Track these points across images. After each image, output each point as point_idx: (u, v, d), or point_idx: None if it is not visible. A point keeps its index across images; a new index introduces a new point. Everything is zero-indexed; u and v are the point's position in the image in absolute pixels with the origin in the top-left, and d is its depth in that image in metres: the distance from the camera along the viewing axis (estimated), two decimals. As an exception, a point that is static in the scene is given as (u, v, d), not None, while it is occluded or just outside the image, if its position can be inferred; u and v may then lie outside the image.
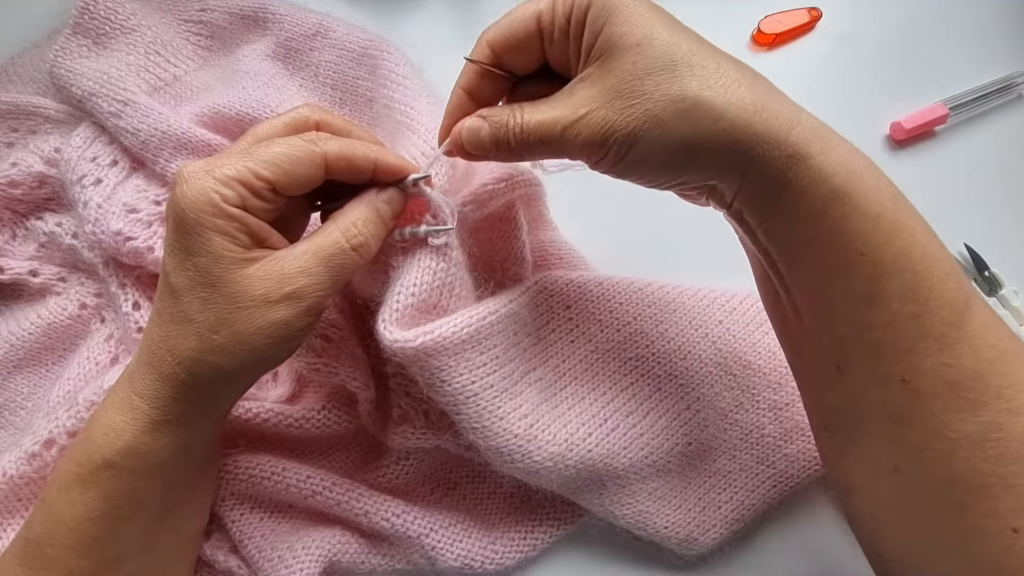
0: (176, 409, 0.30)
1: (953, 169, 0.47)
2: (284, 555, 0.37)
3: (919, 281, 0.25)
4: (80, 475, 0.30)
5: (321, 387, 0.40)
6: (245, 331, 0.28)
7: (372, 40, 0.44)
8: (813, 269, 0.28)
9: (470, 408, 0.32)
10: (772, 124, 0.26)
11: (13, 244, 0.44)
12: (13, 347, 0.42)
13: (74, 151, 0.42)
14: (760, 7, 0.50)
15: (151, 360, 0.29)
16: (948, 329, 0.25)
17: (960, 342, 0.25)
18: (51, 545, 0.30)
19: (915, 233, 0.26)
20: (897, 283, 0.25)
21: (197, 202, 0.27)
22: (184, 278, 0.28)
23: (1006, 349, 0.26)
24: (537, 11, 0.28)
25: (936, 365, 0.25)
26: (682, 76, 0.26)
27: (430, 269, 0.31)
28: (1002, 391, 0.25)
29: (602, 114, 0.26)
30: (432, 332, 0.31)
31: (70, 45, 0.43)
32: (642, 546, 0.40)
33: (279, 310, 0.28)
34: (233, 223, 0.27)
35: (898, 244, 0.26)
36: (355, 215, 0.30)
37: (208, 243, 0.27)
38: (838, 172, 0.25)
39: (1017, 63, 0.49)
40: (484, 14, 0.51)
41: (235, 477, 0.37)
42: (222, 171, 0.27)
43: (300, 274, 0.28)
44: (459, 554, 0.38)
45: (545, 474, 0.34)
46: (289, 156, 0.28)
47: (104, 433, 0.30)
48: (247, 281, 0.28)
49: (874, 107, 0.48)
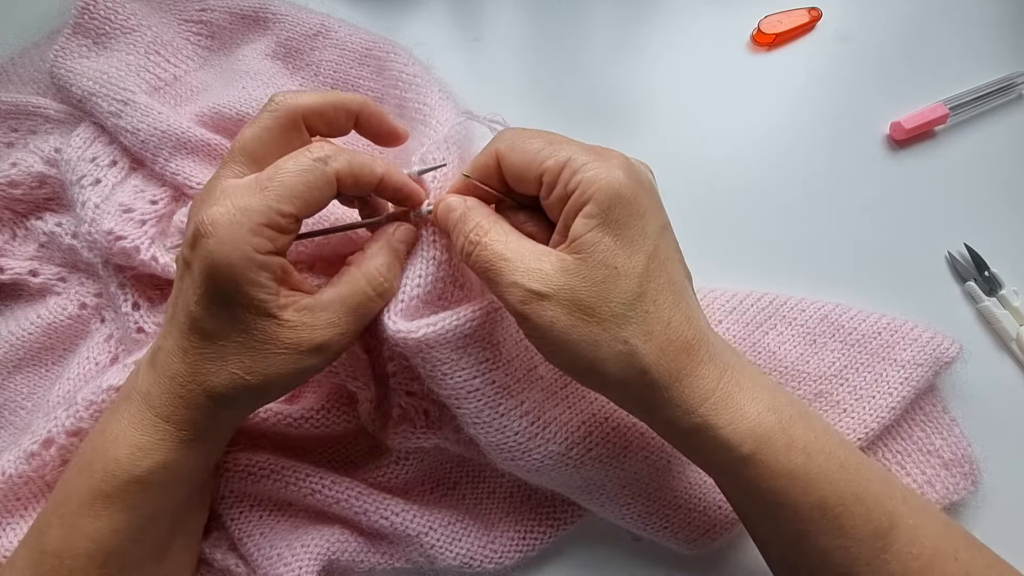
0: (203, 430, 0.30)
1: (953, 169, 0.47)
2: (283, 553, 0.37)
3: (842, 523, 0.28)
4: (105, 491, 0.30)
5: (321, 387, 0.40)
6: (276, 374, 0.29)
7: (376, 41, 0.44)
8: (738, 507, 0.32)
9: (471, 403, 0.32)
10: (688, 393, 0.27)
11: (13, 244, 0.44)
12: (13, 347, 0.42)
13: (74, 151, 0.42)
14: (760, 7, 0.50)
15: (177, 391, 0.30)
16: (876, 553, 0.28)
17: (888, 562, 0.28)
18: (72, 557, 0.30)
19: (831, 481, 0.28)
20: (822, 527, 0.28)
21: (232, 258, 0.27)
22: (216, 325, 0.28)
23: (929, 556, 0.28)
24: (542, 171, 0.28)
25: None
26: (637, 321, 0.27)
27: (435, 260, 0.32)
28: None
29: (553, 309, 0.27)
30: (435, 324, 0.31)
31: (70, 45, 0.43)
32: (642, 546, 0.40)
33: (310, 359, 0.29)
34: (265, 272, 0.28)
35: (815, 496, 0.28)
36: (378, 262, 0.31)
37: (243, 296, 0.27)
38: (745, 442, 0.27)
39: (1017, 63, 0.49)
40: (484, 14, 0.51)
41: (234, 475, 0.38)
42: (250, 219, 0.27)
43: (329, 326, 0.29)
44: (458, 553, 0.38)
45: (545, 472, 0.34)
46: (305, 183, 0.28)
47: (130, 452, 0.30)
48: (279, 330, 0.28)
49: (874, 107, 0.48)
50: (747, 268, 0.36)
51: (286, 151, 0.30)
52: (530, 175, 0.28)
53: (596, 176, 0.26)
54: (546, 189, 0.28)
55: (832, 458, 0.28)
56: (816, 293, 0.43)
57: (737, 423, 0.27)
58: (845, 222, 0.46)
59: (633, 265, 0.27)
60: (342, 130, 0.32)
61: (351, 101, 0.31)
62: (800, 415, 0.29)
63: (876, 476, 0.30)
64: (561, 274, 0.27)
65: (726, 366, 0.29)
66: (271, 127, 0.29)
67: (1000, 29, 0.50)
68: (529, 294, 0.27)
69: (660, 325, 0.27)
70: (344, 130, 0.32)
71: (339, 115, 0.31)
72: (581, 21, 0.51)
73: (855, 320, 0.41)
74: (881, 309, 0.42)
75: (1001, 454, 0.40)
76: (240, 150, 0.29)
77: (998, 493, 0.40)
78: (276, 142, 0.30)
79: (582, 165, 0.27)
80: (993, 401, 0.42)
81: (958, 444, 0.40)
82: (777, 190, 0.47)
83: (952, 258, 0.45)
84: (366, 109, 0.32)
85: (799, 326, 0.41)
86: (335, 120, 0.31)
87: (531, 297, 0.27)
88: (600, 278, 0.26)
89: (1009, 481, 0.40)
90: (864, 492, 0.28)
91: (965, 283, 0.45)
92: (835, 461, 0.28)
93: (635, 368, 0.27)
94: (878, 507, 0.28)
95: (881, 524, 0.28)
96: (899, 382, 0.40)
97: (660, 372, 0.27)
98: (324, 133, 0.32)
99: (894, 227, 0.46)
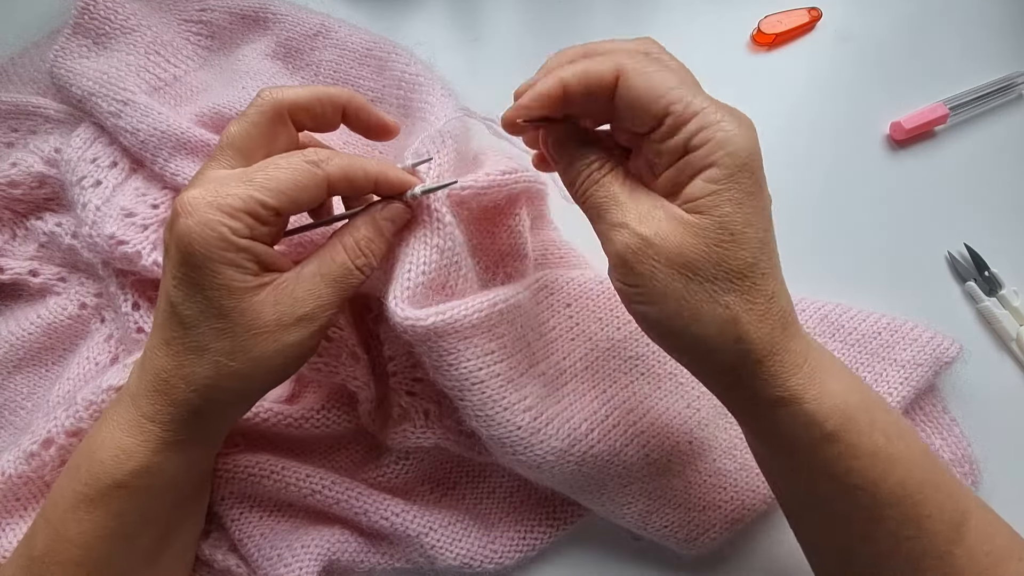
0: (189, 430, 0.30)
1: (953, 169, 0.47)
2: (283, 554, 0.37)
3: (918, 510, 0.27)
4: (88, 495, 0.30)
5: (321, 387, 0.40)
6: (261, 355, 0.28)
7: (376, 41, 0.44)
8: (805, 488, 0.29)
9: (475, 395, 0.32)
10: (779, 367, 0.26)
11: (13, 244, 0.44)
12: (13, 347, 0.42)
13: (74, 152, 0.42)
14: (760, 7, 0.50)
15: (162, 388, 0.29)
16: (948, 547, 0.27)
17: (959, 557, 0.27)
18: (58, 563, 0.30)
19: (911, 464, 0.27)
20: (896, 512, 0.27)
21: (205, 236, 0.26)
22: (195, 310, 0.28)
23: (1000, 553, 0.28)
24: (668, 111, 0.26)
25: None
26: (742, 290, 0.26)
27: (438, 248, 0.31)
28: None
29: (657, 259, 0.26)
30: (444, 313, 0.31)
31: (70, 45, 0.43)
32: (642, 546, 0.40)
33: (293, 333, 0.29)
34: (242, 254, 0.27)
35: (894, 478, 0.27)
36: (359, 235, 0.30)
37: (219, 276, 0.27)
38: (830, 418, 0.26)
39: (1017, 63, 0.49)
40: (484, 14, 0.51)
41: (234, 476, 0.37)
42: (227, 202, 0.26)
43: (309, 297, 0.29)
44: (458, 553, 0.38)
45: (547, 468, 0.34)
46: (293, 182, 0.28)
47: (114, 455, 0.29)
48: (260, 308, 0.28)
49: (874, 107, 0.48)
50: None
51: (272, 145, 0.30)
52: (652, 110, 0.26)
53: (727, 139, 0.25)
54: (666, 131, 0.26)
55: (912, 444, 0.28)
56: (816, 293, 0.43)
57: (823, 399, 0.27)
58: (845, 222, 0.46)
59: (751, 236, 0.26)
60: (330, 124, 0.32)
61: (337, 95, 0.31)
62: (878, 398, 0.29)
63: (947, 468, 0.29)
64: (675, 227, 0.26)
65: (810, 346, 0.28)
66: (257, 121, 0.30)
67: (1000, 29, 0.50)
68: (639, 239, 0.26)
69: (763, 297, 0.26)
70: (332, 124, 0.32)
71: (325, 109, 0.31)
72: (581, 21, 0.51)
73: (855, 320, 0.41)
74: (881, 309, 0.42)
75: (1001, 454, 0.40)
76: (228, 145, 0.29)
77: (998, 493, 0.40)
78: (263, 136, 0.30)
79: (715, 122, 0.25)
80: (993, 401, 0.42)
81: (958, 444, 0.40)
82: (777, 190, 0.46)
83: (952, 258, 0.45)
84: (352, 102, 0.32)
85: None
86: (321, 114, 0.31)
87: (639, 243, 0.26)
88: (714, 241, 0.25)
89: (1009, 481, 0.40)
90: (942, 481, 0.28)
91: (965, 283, 0.45)
92: (916, 447, 0.28)
93: (731, 334, 0.26)
94: (953, 499, 0.28)
95: (955, 517, 0.28)
96: (899, 382, 0.40)
97: (757, 343, 0.26)
98: (311, 127, 0.32)
99: (894, 227, 0.46)
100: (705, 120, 0.25)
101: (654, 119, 0.26)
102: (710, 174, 0.25)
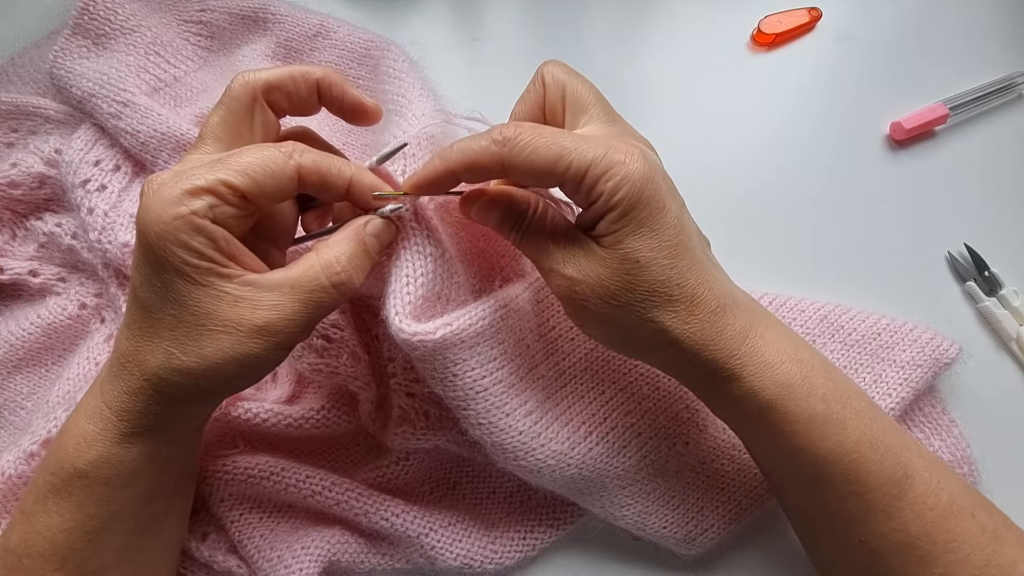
0: (145, 422, 0.29)
1: (953, 169, 0.47)
2: (283, 555, 0.37)
3: (857, 468, 0.29)
4: (55, 485, 0.29)
5: (321, 387, 0.40)
6: (213, 356, 0.27)
7: (374, 40, 0.44)
8: (761, 453, 0.34)
9: (479, 403, 0.32)
10: (716, 353, 0.29)
11: (13, 244, 0.44)
12: (13, 347, 0.42)
13: (75, 153, 0.42)
14: (760, 7, 0.50)
15: (120, 372, 0.28)
16: (891, 500, 0.29)
17: (903, 510, 0.29)
18: (28, 556, 0.29)
19: (846, 426, 0.30)
20: (838, 470, 0.30)
21: (163, 213, 0.25)
22: (151, 293, 0.27)
23: (944, 508, 0.30)
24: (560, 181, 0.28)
25: (887, 531, 0.30)
26: (661, 303, 0.28)
27: (433, 256, 0.31)
28: (948, 545, 0.29)
29: (586, 293, 0.29)
30: (451, 324, 0.30)
31: (70, 45, 0.43)
32: (642, 546, 0.40)
33: (250, 343, 0.27)
34: (200, 236, 0.26)
35: (831, 440, 0.29)
36: (339, 251, 0.29)
37: (174, 257, 0.26)
38: (767, 388, 0.29)
39: (1017, 63, 0.49)
40: (484, 14, 0.51)
41: (234, 477, 0.37)
42: (191, 181, 0.26)
43: (273, 308, 0.27)
44: (458, 554, 0.38)
45: (548, 472, 0.34)
46: (262, 167, 0.26)
47: (76, 442, 0.29)
48: (216, 302, 0.26)
49: (874, 107, 0.48)
50: (746, 268, 0.36)
51: (251, 130, 0.30)
52: (547, 181, 0.29)
53: (618, 185, 0.27)
54: (569, 190, 0.29)
55: (848, 406, 0.30)
56: (816, 293, 0.43)
57: (762, 372, 0.29)
58: (845, 222, 0.46)
59: (656, 256, 0.28)
60: (307, 104, 0.31)
61: (310, 71, 0.31)
62: (821, 366, 0.31)
63: (892, 428, 0.31)
64: (593, 263, 0.29)
65: (752, 321, 0.30)
66: (233, 108, 0.29)
67: (1000, 29, 0.50)
68: (566, 280, 0.29)
69: (685, 302, 0.29)
70: (309, 105, 0.31)
71: (299, 86, 0.30)
72: (581, 21, 0.51)
73: (855, 321, 0.41)
74: (881, 309, 0.42)
75: (1001, 454, 0.40)
76: (208, 134, 0.29)
77: (998, 493, 0.40)
78: (240, 123, 0.30)
79: (604, 172, 0.27)
80: (993, 401, 0.42)
81: (957, 445, 0.40)
82: (777, 190, 0.47)
83: (952, 258, 0.45)
84: (327, 78, 0.31)
85: (798, 327, 0.41)
86: (295, 93, 0.30)
87: (567, 283, 0.29)
88: (623, 271, 0.28)
89: (1009, 481, 0.40)
90: (878, 440, 0.30)
91: (965, 283, 0.45)
92: (851, 409, 0.30)
93: (663, 341, 0.29)
94: (892, 455, 0.30)
95: (895, 472, 0.29)
96: (898, 383, 0.40)
97: (688, 341, 0.29)
98: (290, 110, 0.31)
99: (894, 227, 0.46)
100: (594, 173, 0.27)
101: (553, 184, 0.29)
102: (610, 217, 0.28)
